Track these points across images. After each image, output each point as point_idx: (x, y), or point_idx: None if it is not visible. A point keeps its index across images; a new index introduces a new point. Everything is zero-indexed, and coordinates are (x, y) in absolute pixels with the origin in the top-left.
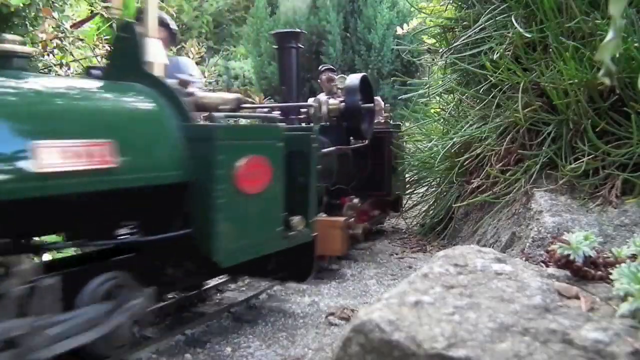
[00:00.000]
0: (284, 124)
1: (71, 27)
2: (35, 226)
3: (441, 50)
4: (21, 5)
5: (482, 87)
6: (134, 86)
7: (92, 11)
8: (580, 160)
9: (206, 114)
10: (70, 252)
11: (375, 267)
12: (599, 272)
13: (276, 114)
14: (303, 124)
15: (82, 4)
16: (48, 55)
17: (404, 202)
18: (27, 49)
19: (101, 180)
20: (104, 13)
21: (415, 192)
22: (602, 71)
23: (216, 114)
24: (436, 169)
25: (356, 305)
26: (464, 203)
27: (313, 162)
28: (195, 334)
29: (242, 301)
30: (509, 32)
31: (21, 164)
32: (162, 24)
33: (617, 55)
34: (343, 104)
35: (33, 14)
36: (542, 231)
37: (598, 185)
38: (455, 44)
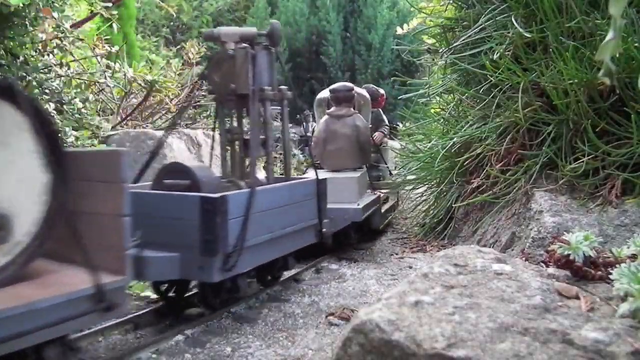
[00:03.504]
0: None
1: (71, 27)
2: None
3: (441, 50)
4: (21, 5)
5: (482, 87)
6: None
7: (92, 11)
8: (580, 160)
9: None
10: None
11: (375, 267)
12: (599, 272)
13: None
14: None
15: (82, 4)
16: (48, 55)
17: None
18: None
19: None
20: (103, 13)
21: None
22: (602, 71)
23: None
24: (436, 169)
25: (356, 305)
26: (464, 203)
27: None
28: (195, 334)
29: (242, 301)
30: (509, 32)
31: None
32: None
33: (617, 55)
34: None
35: (33, 14)
36: (542, 231)
37: (598, 185)
38: (455, 44)
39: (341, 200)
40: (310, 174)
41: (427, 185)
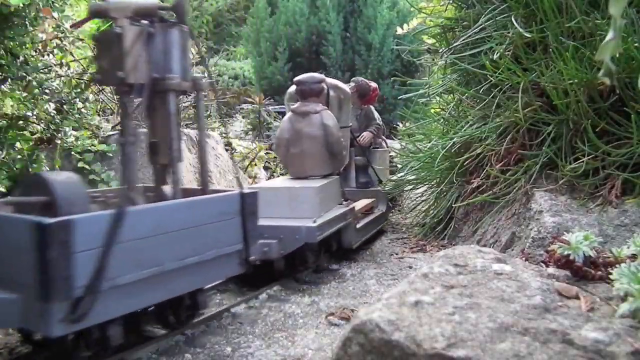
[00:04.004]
0: None
1: (71, 27)
2: None
3: (441, 50)
4: (21, 5)
5: (482, 87)
6: None
7: None
8: (580, 160)
9: None
10: None
11: (375, 267)
12: (599, 272)
13: None
14: None
15: (82, 4)
16: (48, 55)
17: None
18: None
19: None
20: None
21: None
22: (602, 71)
23: None
24: (436, 169)
25: (356, 305)
26: (464, 203)
27: None
28: (195, 334)
29: (242, 301)
30: (509, 32)
31: None
32: None
33: (617, 55)
34: None
35: (33, 14)
36: (542, 231)
37: (598, 185)
38: (455, 44)
39: (295, 216)
40: (278, 181)
41: (427, 185)
